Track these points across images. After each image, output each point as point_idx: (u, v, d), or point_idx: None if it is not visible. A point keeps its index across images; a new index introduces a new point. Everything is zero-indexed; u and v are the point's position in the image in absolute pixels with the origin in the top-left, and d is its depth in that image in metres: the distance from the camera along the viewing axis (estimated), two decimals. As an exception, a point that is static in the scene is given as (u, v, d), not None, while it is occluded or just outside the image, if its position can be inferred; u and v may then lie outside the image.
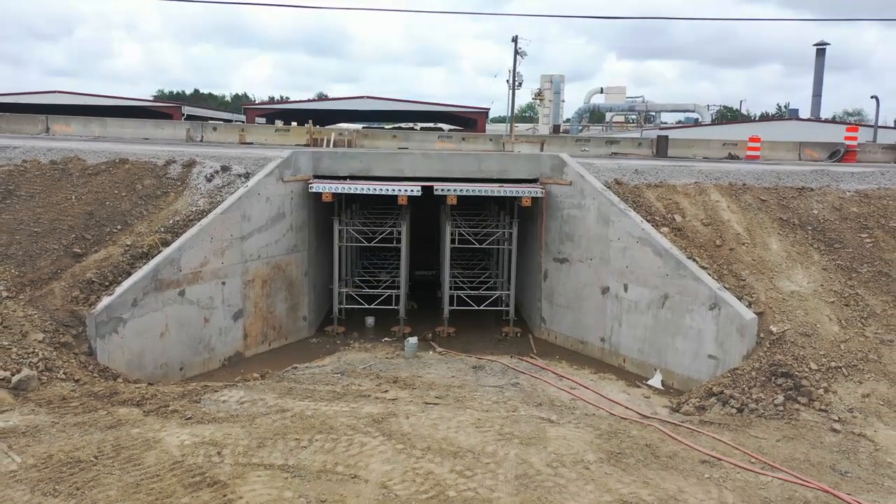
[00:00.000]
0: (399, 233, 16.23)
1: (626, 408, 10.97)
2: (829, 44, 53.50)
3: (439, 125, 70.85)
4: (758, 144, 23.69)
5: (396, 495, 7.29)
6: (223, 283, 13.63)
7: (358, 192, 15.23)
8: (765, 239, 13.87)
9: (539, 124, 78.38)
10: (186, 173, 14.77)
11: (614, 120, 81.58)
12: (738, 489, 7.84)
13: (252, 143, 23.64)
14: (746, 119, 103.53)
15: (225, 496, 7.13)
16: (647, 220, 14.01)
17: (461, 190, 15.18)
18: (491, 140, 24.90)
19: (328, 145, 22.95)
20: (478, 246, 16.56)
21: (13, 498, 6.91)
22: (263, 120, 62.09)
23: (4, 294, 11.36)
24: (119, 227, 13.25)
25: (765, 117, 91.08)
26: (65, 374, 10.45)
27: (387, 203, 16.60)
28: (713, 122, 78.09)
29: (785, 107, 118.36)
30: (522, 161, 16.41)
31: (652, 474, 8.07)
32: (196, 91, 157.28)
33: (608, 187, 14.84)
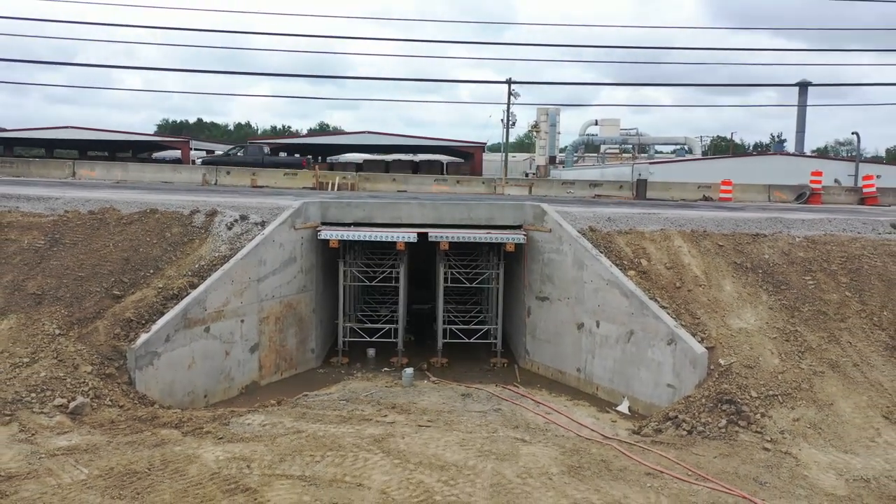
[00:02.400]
0: (397, 273, 18.10)
1: (592, 430, 12.73)
2: (811, 83, 55.84)
3: (438, 157, 72.97)
4: (730, 187, 25.70)
5: (394, 499, 9.07)
6: (242, 321, 15.46)
7: (361, 238, 17.13)
8: (720, 281, 15.73)
9: (536, 155, 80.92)
10: (209, 222, 16.68)
11: (608, 152, 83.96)
12: (673, 495, 9.61)
13: (263, 187, 25.62)
14: (738, 150, 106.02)
15: (256, 499, 8.91)
16: (617, 264, 15.88)
17: (452, 237, 17.08)
18: (483, 183, 26.91)
19: (333, 189, 24.93)
20: (468, 285, 18.42)
21: (89, 500, 8.69)
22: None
23: (57, 332, 13.19)
24: (152, 271, 15.11)
25: (750, 152, 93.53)
26: (111, 401, 12.23)
27: (387, 246, 18.46)
28: (704, 154, 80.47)
29: (778, 136, 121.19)
30: (508, 209, 18.35)
31: (603, 483, 9.84)
32: (199, 120, 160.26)
33: (583, 234, 16.74)
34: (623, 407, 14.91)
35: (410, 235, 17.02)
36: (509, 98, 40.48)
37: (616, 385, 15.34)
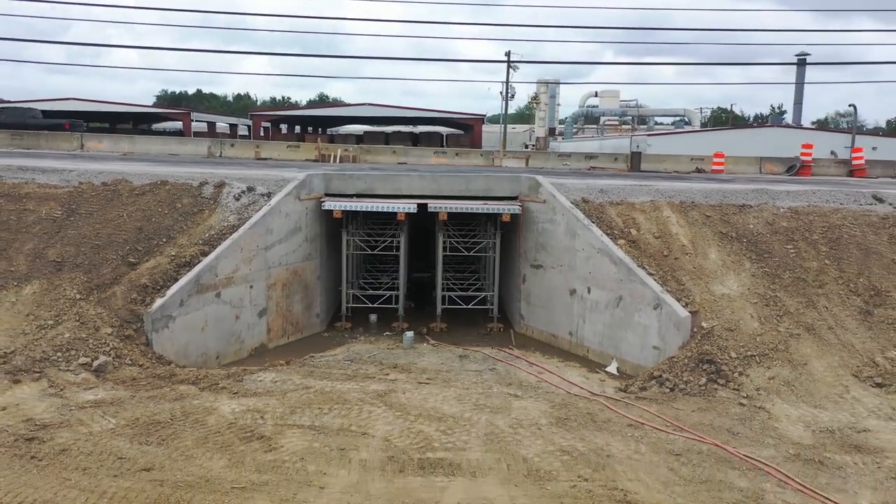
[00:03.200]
0: (398, 243, 18.87)
1: (581, 388, 13.61)
2: (809, 54, 56.01)
3: (438, 129, 73.25)
4: (722, 160, 26.35)
5: (396, 446, 9.95)
6: (251, 287, 16.27)
7: (363, 209, 17.87)
8: (705, 249, 16.50)
9: (535, 126, 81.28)
10: (218, 193, 17.40)
11: (607, 123, 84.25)
12: (651, 443, 10.49)
13: (267, 159, 26.26)
14: (738, 122, 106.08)
15: (270, 445, 9.79)
16: (607, 234, 16.64)
17: (451, 207, 17.80)
18: (482, 155, 27.55)
19: (335, 161, 25.57)
20: (466, 254, 19.20)
21: (119, 446, 9.56)
22: (269, 125, 64.68)
23: (77, 296, 14.00)
24: (164, 239, 15.88)
25: (748, 124, 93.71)
26: (131, 360, 13.08)
27: (388, 217, 19.19)
28: (703, 126, 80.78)
29: (779, 108, 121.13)
30: (505, 181, 19.05)
31: (588, 433, 10.73)
32: (199, 91, 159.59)
33: (576, 205, 17.47)
34: (612, 368, 15.78)
35: (411, 206, 17.75)
36: (508, 72, 40.82)
37: (605, 347, 16.20)
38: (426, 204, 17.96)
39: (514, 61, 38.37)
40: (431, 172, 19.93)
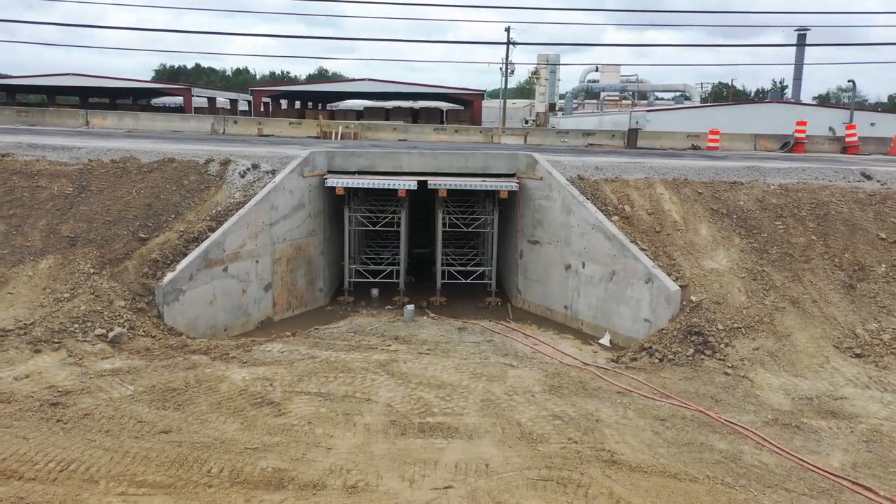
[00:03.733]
0: (398, 219, 19.40)
1: (574, 358, 14.24)
2: (809, 29, 56.07)
3: (438, 104, 73.35)
4: (717, 137, 26.77)
5: (397, 411, 10.59)
6: (256, 262, 16.83)
7: (364, 186, 18.37)
8: (696, 225, 17.04)
9: (535, 101, 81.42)
10: (223, 170, 17.88)
11: (607, 99, 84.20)
12: (638, 409, 11.13)
13: (269, 136, 26.68)
14: (738, 97, 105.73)
15: (280, 411, 10.43)
16: (602, 210, 17.17)
17: (450, 184, 18.30)
18: (481, 132, 27.97)
19: (336, 138, 26.00)
20: (465, 230, 19.74)
21: (138, 411, 10.19)
22: (269, 101, 64.82)
23: (91, 271, 14.57)
24: (173, 216, 16.41)
25: (748, 100, 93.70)
26: (144, 331, 13.70)
27: (389, 193, 19.70)
28: (703, 101, 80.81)
29: (780, 82, 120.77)
30: (503, 159, 19.52)
31: (579, 399, 11.36)
32: (197, 66, 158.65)
33: (571, 182, 17.97)
34: (605, 340, 16.41)
35: (411, 183, 18.25)
36: (508, 49, 41.03)
37: (599, 321, 16.81)
38: (426, 181, 18.46)
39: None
40: (431, 150, 20.39)
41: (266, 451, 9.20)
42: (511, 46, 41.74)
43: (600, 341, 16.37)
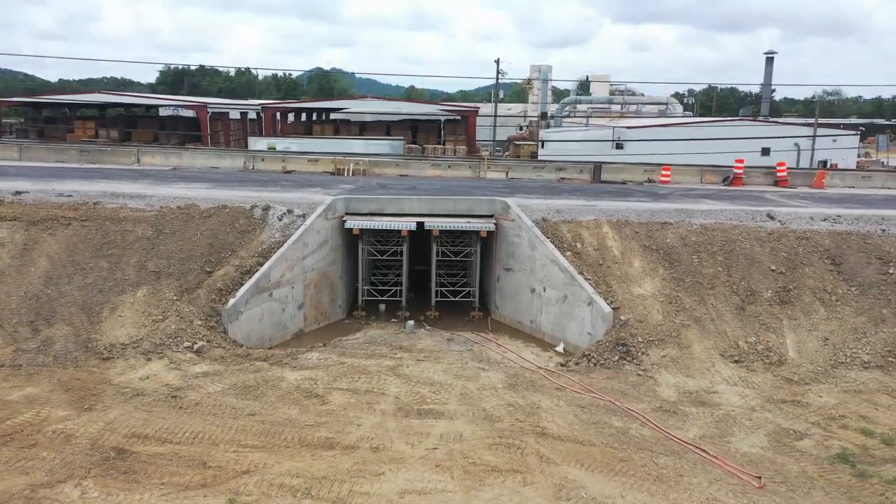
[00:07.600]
0: (401, 250, 24.48)
1: (530, 363, 19.34)
2: (776, 52, 61.01)
3: (436, 116, 77.96)
4: (668, 172, 31.79)
5: (402, 401, 15.69)
6: (292, 287, 21.92)
7: (374, 227, 23.46)
8: (631, 259, 22.12)
9: (529, 105, 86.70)
10: (265, 214, 22.95)
11: (594, 109, 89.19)
12: (568, 400, 16.23)
13: (292, 171, 31.71)
14: (721, 104, 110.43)
15: (323, 401, 15.53)
16: (558, 247, 22.24)
17: (442, 225, 23.39)
18: (469, 168, 33.00)
19: (348, 174, 31.03)
20: (455, 258, 24.82)
21: (230, 401, 15.28)
22: (278, 115, 69.68)
23: (174, 298, 19.65)
24: (229, 252, 21.47)
25: (722, 118, 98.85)
26: (216, 344, 18.76)
27: (394, 232, 24.76)
28: (685, 109, 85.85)
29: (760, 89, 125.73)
30: (484, 203, 24.62)
31: (528, 393, 16.47)
32: (201, 67, 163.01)
33: (536, 223, 23.04)
34: (560, 348, 21.49)
35: (411, 224, 23.34)
36: (497, 77, 45.93)
37: (556, 332, 21.92)
38: (423, 222, 23.55)
39: (502, 73, 43.42)
40: (428, 195, 25.46)
41: (318, 427, 14.29)
42: (500, 74, 46.63)
43: (556, 349, 21.46)
